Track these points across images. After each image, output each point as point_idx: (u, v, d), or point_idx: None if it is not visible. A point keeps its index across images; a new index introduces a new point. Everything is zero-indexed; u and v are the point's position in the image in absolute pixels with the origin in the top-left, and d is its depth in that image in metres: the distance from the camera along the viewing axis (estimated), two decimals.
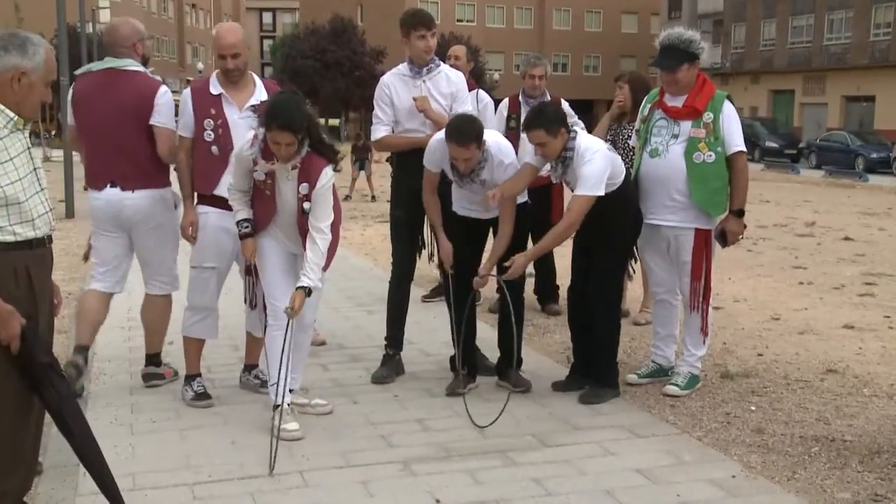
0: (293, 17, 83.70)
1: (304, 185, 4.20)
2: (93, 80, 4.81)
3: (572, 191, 4.74)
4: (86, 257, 5.23)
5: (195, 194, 4.77)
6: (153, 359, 5.06)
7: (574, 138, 4.65)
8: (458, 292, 4.88)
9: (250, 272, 4.66)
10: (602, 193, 4.56)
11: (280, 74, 49.55)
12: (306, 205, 4.21)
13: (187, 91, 4.74)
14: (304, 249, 4.24)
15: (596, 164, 4.56)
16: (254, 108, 4.65)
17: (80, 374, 4.80)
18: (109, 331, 6.19)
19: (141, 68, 4.83)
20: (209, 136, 4.63)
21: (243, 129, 4.56)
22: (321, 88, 52.08)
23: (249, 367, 5.01)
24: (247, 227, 4.35)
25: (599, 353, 4.92)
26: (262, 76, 5.04)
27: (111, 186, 4.76)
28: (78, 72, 4.97)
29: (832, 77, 42.11)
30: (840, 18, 41.85)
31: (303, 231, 4.26)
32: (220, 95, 4.66)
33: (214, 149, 4.63)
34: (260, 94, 4.71)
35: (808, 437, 4.35)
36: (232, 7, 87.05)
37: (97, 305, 4.94)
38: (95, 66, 4.91)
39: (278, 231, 4.39)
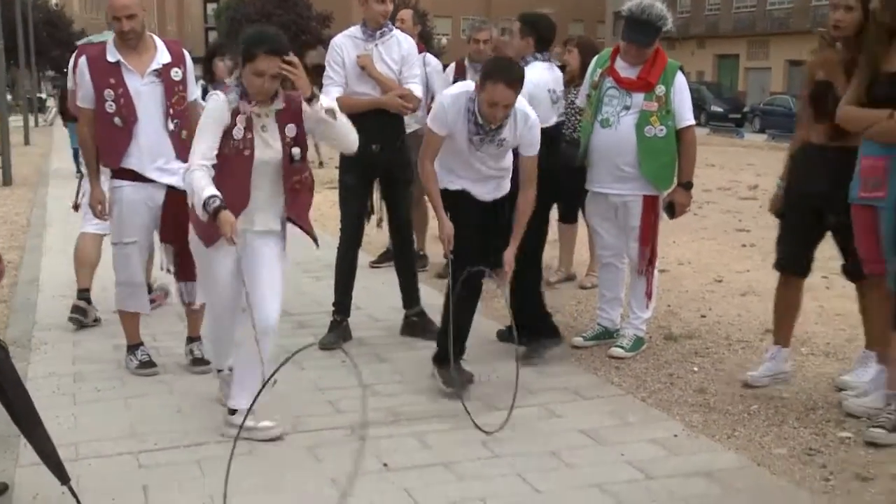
0: None
1: (290, 126, 3.77)
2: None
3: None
4: (76, 207, 5.84)
5: (101, 168, 4.65)
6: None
7: (536, 59, 4.91)
8: (456, 275, 4.20)
9: (167, 239, 4.53)
10: (535, 116, 4.33)
11: (224, 39, 48.68)
12: (295, 150, 3.76)
13: (83, 59, 4.51)
14: (281, 224, 3.92)
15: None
16: (157, 72, 4.49)
17: (86, 314, 5.49)
18: (51, 300, 6.11)
19: None
20: (110, 107, 4.47)
21: (147, 98, 4.45)
22: None
23: (191, 339, 4.89)
24: (216, 201, 3.55)
25: (532, 305, 4.91)
26: (205, 41, 4.95)
27: None
28: (79, 42, 5.42)
29: (775, 41, 42.58)
30: None
31: (289, 187, 3.81)
32: (118, 63, 4.46)
33: (117, 120, 4.48)
34: (162, 58, 4.53)
35: (747, 395, 4.45)
36: None
37: (90, 248, 5.62)
38: (95, 38, 5.44)
39: (255, 213, 3.83)
